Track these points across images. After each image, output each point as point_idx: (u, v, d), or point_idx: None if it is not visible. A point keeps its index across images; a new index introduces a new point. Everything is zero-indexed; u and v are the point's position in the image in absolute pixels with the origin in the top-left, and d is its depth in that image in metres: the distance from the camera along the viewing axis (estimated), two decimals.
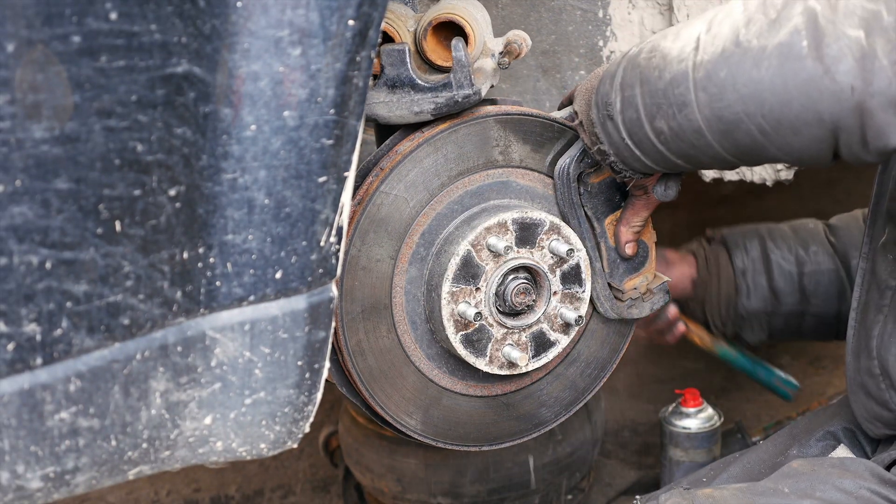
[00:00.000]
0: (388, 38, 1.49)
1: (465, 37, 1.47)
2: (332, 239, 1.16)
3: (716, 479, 1.66)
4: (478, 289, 1.48)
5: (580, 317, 1.55)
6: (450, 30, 1.48)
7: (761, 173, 2.13)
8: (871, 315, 1.57)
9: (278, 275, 1.14)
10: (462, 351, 1.50)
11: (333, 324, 1.21)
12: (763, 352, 2.37)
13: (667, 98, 1.29)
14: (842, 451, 1.64)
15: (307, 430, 1.27)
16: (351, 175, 1.16)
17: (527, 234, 1.50)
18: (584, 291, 1.56)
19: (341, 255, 1.19)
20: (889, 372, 1.53)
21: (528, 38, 1.52)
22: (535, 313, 1.53)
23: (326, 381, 1.26)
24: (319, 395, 1.25)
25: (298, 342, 1.18)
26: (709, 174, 2.12)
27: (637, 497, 1.61)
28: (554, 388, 1.66)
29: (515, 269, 1.50)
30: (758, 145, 1.26)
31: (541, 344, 1.55)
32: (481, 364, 1.52)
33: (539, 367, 1.57)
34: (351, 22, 1.08)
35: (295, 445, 1.28)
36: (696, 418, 2.20)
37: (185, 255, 1.08)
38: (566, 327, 1.56)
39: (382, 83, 1.46)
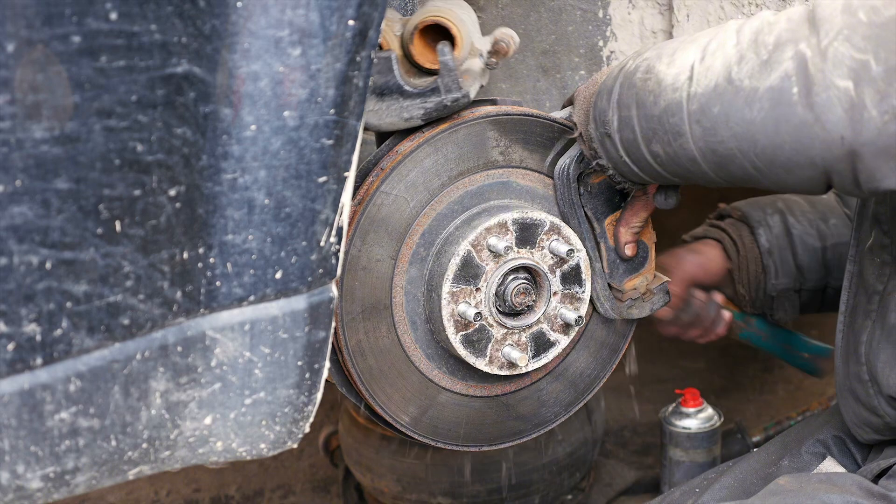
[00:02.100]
0: None
1: (452, 39, 1.46)
2: (332, 239, 1.16)
3: (709, 489, 1.65)
4: (478, 289, 1.48)
5: (580, 317, 1.55)
6: (437, 32, 1.47)
7: None
8: (859, 320, 1.57)
9: (278, 275, 1.14)
10: (462, 351, 1.50)
11: (333, 324, 1.21)
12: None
13: (662, 125, 1.30)
14: (829, 464, 1.63)
15: (307, 430, 1.27)
16: (351, 175, 1.16)
17: (527, 234, 1.50)
18: (584, 292, 1.56)
19: (341, 255, 1.19)
20: (877, 378, 1.52)
21: (516, 36, 1.50)
22: (535, 313, 1.53)
23: (326, 381, 1.26)
24: (319, 395, 1.24)
25: (298, 342, 1.18)
26: None
27: None
28: (554, 388, 1.66)
29: (515, 270, 1.50)
30: (752, 178, 1.27)
31: (541, 344, 1.55)
32: (481, 364, 1.52)
33: (539, 367, 1.57)
34: (351, 22, 1.08)
35: (295, 445, 1.28)
36: (696, 418, 2.20)
37: (185, 255, 1.08)
38: (566, 327, 1.56)
39: (371, 91, 1.45)
